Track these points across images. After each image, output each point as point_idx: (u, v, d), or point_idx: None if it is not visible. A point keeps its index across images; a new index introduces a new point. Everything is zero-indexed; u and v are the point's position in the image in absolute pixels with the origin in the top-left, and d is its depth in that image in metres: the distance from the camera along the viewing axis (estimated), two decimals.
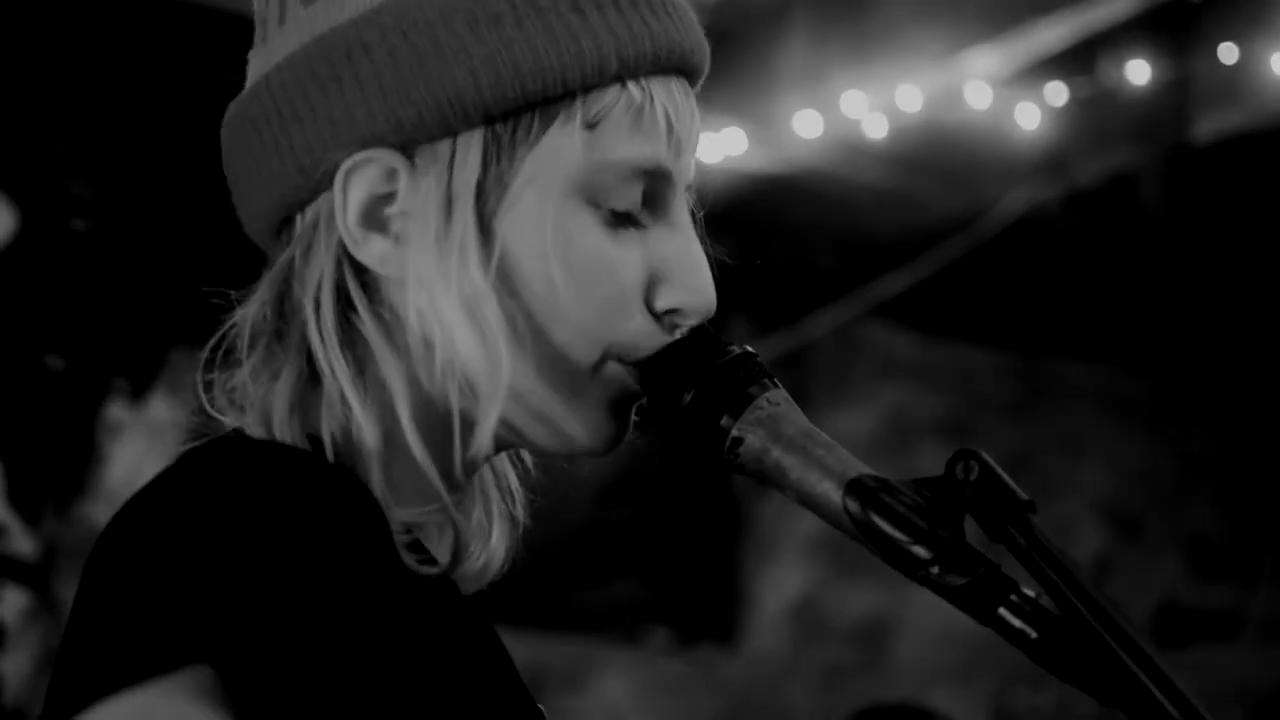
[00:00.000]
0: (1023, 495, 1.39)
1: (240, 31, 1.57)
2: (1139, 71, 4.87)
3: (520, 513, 1.62)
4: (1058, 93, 4.99)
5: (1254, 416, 7.33)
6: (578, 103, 1.44)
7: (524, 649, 6.83)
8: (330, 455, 1.41)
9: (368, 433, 1.40)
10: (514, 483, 1.63)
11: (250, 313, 1.48)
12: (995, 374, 7.16)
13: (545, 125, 1.43)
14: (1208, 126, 5.29)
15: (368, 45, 1.42)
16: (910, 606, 6.66)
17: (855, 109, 5.06)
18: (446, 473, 1.46)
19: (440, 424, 1.44)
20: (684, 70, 1.51)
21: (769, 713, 6.76)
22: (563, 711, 6.57)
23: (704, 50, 1.53)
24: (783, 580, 6.80)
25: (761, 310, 6.67)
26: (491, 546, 1.57)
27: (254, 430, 1.42)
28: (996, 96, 5.00)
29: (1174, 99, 5.27)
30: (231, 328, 1.49)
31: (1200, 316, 6.95)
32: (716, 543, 6.92)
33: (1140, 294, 6.55)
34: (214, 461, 1.37)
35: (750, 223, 6.24)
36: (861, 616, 6.76)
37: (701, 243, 1.55)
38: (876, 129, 5.10)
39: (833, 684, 6.63)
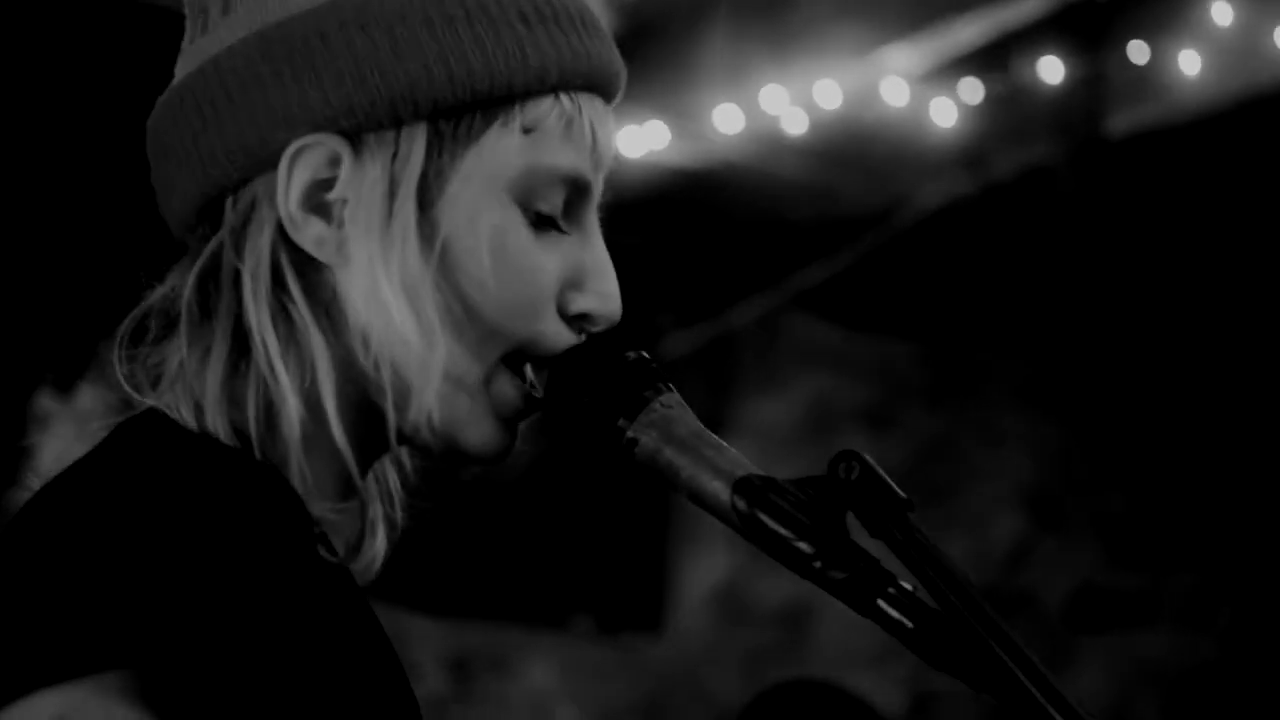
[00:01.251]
0: (901, 494, 1.47)
1: (152, 21, 1.60)
2: (1052, 69, 4.95)
3: (399, 516, 1.66)
4: (973, 90, 5.07)
5: (1169, 403, 7.43)
6: (517, 108, 1.52)
7: (450, 636, 6.88)
8: (256, 446, 1.46)
9: (293, 413, 1.45)
10: (395, 485, 1.67)
11: (176, 292, 1.52)
12: (915, 363, 7.22)
13: (486, 125, 1.51)
14: (1121, 122, 5.38)
15: (325, 34, 1.48)
16: None
17: (775, 104, 5.12)
18: (362, 464, 1.53)
19: (362, 413, 1.51)
20: (606, 92, 1.59)
21: (693, 697, 6.81)
22: (489, 698, 6.62)
23: (623, 77, 1.62)
24: (706, 566, 6.85)
25: (685, 301, 6.73)
26: (376, 546, 1.61)
27: (183, 413, 1.46)
28: (913, 93, 5.08)
29: (1087, 96, 5.35)
30: (150, 308, 1.54)
31: (1112, 306, 7.04)
32: (641, 530, 6.97)
33: (1055, 284, 6.62)
34: (137, 454, 1.42)
35: (673, 216, 6.32)
36: (783, 601, 6.82)
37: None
38: (796, 124, 5.17)
39: (756, 668, 6.68)
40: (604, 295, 1.58)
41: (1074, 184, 5.69)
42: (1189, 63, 4.82)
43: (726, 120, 5.21)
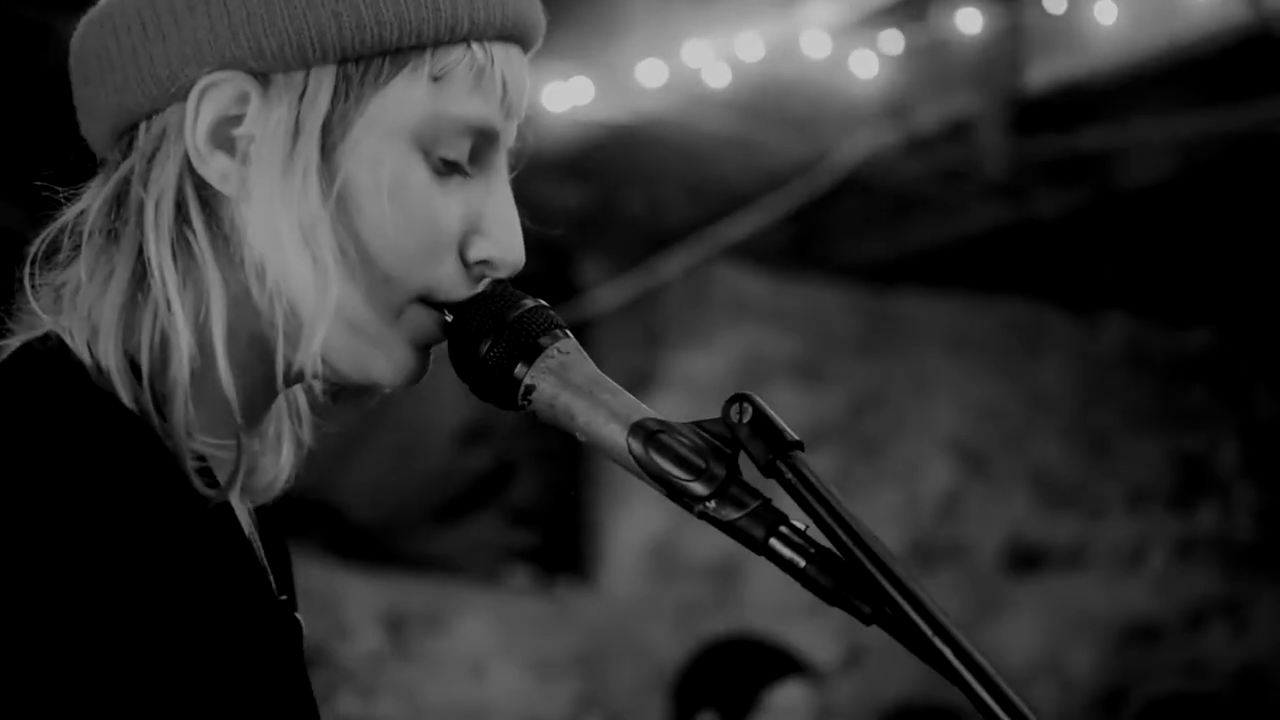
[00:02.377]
0: (791, 435, 1.50)
1: None
2: (970, 20, 4.97)
3: (307, 435, 1.68)
4: (893, 41, 5.09)
5: (1098, 350, 7.49)
6: (427, 55, 1.53)
7: (384, 591, 6.87)
8: (145, 378, 1.47)
9: (184, 347, 1.48)
10: (303, 407, 1.69)
11: (87, 211, 1.55)
12: (845, 313, 7.25)
13: (394, 72, 1.53)
14: (1040, 74, 5.42)
15: None
16: None
17: (698, 58, 5.14)
18: (250, 398, 1.55)
19: (253, 347, 1.54)
20: (523, 41, 1.61)
21: (628, 650, 6.84)
22: (425, 655, 6.64)
23: (542, 25, 1.63)
24: (638, 520, 6.88)
25: (613, 254, 6.74)
26: (280, 463, 1.63)
27: (78, 339, 1.48)
28: (835, 45, 5.10)
29: (1007, 47, 5.39)
30: (63, 225, 1.56)
31: (1044, 251, 7.09)
32: (572, 483, 7.00)
33: (988, 230, 6.66)
34: (13, 395, 1.43)
35: (600, 170, 6.33)
36: (716, 554, 6.85)
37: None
38: (719, 78, 5.18)
39: (689, 621, 6.72)
40: (505, 243, 1.59)
41: (997, 135, 5.72)
42: (1105, 13, 4.85)
43: (650, 74, 5.22)
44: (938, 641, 1.41)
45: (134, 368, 1.48)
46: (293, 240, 1.49)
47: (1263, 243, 6.74)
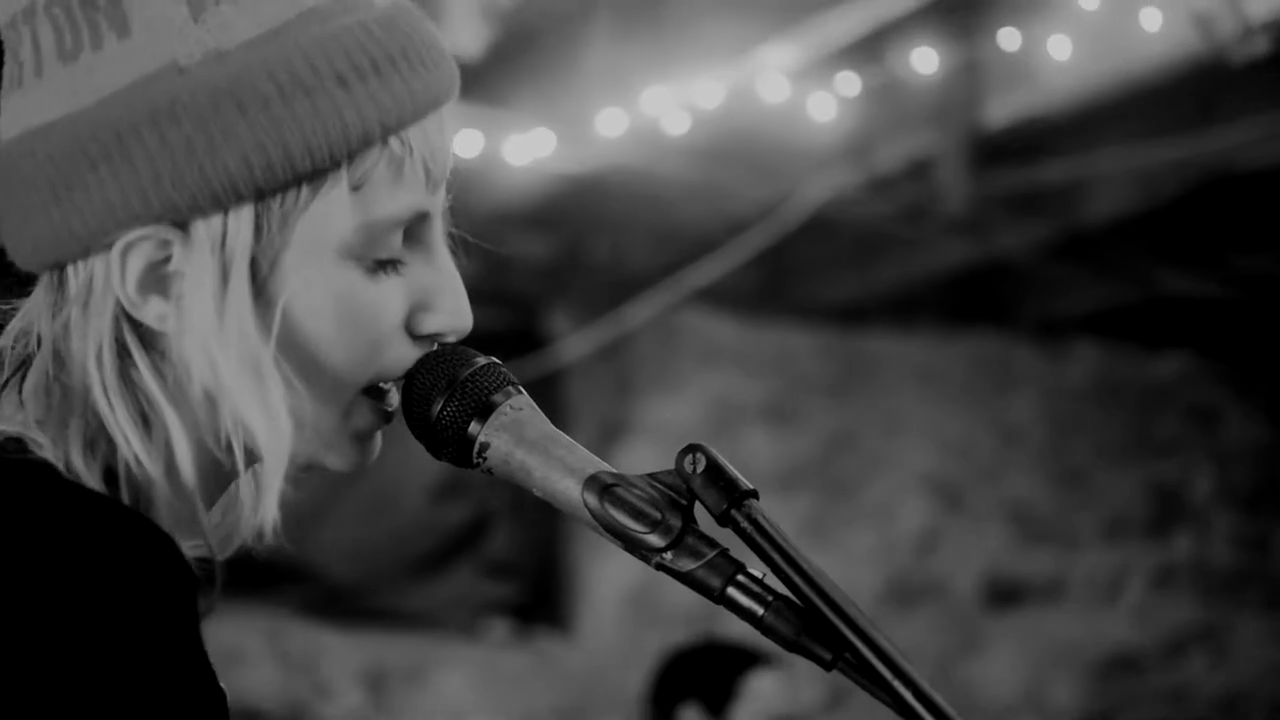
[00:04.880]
0: (745, 484, 1.50)
1: None
2: (926, 60, 5.00)
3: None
4: (850, 83, 5.11)
5: (1068, 382, 7.51)
6: (343, 169, 1.50)
7: (363, 648, 6.86)
8: (125, 495, 1.45)
9: (155, 480, 1.46)
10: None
11: (27, 341, 1.53)
12: (814, 355, 7.26)
13: (313, 194, 1.49)
14: (999, 110, 5.45)
15: (138, 127, 1.47)
16: None
17: (657, 106, 5.15)
18: (212, 497, 1.55)
19: (220, 468, 1.52)
20: (438, 106, 1.57)
21: (609, 700, 6.83)
22: (406, 711, 6.62)
23: (456, 81, 1.59)
24: (616, 569, 6.87)
25: (581, 303, 6.75)
26: (259, 517, 1.56)
27: (50, 456, 1.45)
28: (793, 88, 5.12)
29: (964, 84, 5.42)
30: (3, 347, 1.54)
31: (1010, 285, 7.12)
32: (550, 534, 6.99)
33: (954, 266, 6.68)
34: (25, 505, 1.39)
35: (564, 221, 6.35)
36: (695, 602, 6.77)
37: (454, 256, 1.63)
38: (678, 124, 5.20)
39: None
40: (452, 312, 1.57)
41: (957, 172, 5.75)
42: (1059, 48, 4.88)
43: (610, 124, 5.23)
44: (898, 685, 1.41)
45: (108, 481, 1.46)
46: (238, 382, 1.47)
47: (1229, 267, 6.76)
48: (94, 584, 1.33)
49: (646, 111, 5.20)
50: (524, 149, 5.32)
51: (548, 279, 6.58)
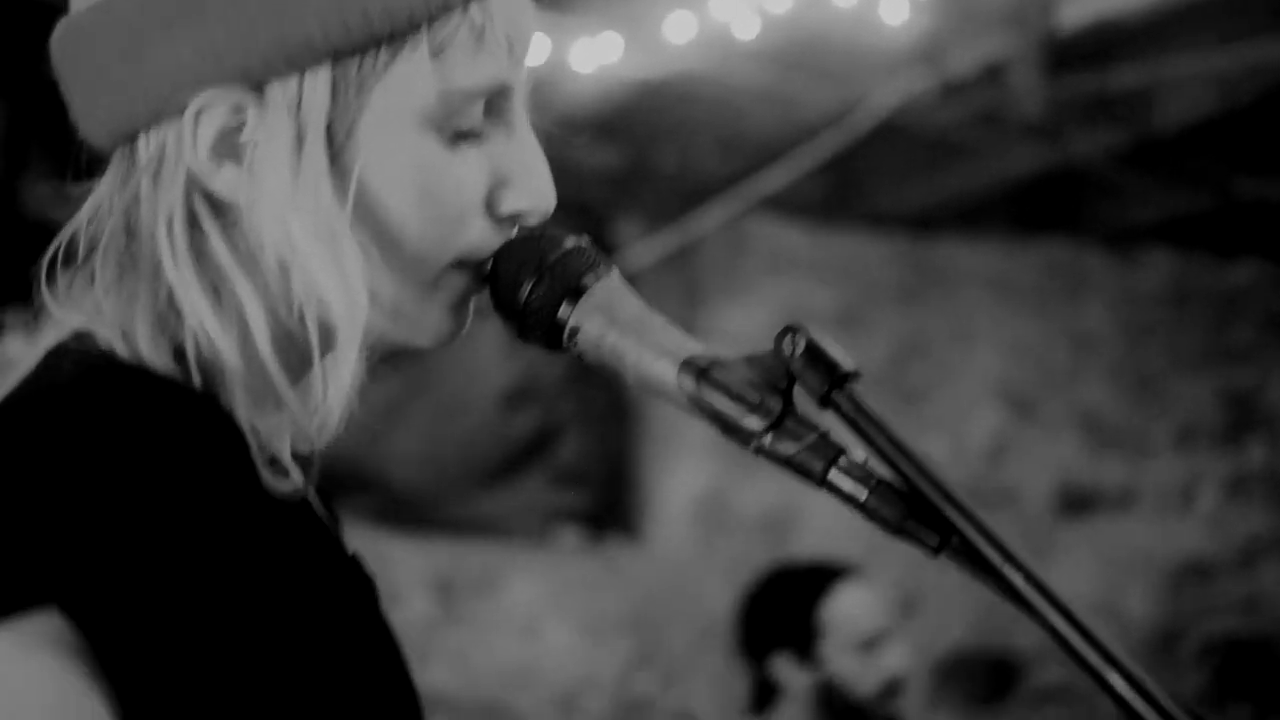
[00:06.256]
0: (846, 365, 1.47)
1: None
2: None
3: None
4: None
5: (1141, 289, 7.45)
6: (423, 33, 1.45)
7: (433, 556, 6.88)
8: (196, 376, 1.43)
9: (228, 357, 1.43)
10: None
11: (101, 214, 1.50)
12: (884, 262, 7.22)
13: (392, 58, 1.45)
14: (1072, 12, 5.36)
15: None
16: (812, 498, 6.73)
17: (726, 10, 5.09)
18: (298, 377, 1.50)
19: (295, 342, 1.48)
20: None
21: (679, 606, 6.83)
22: (476, 618, 6.64)
23: None
24: (687, 476, 6.86)
25: (648, 212, 6.72)
26: (328, 405, 1.52)
27: (115, 343, 1.43)
28: None
29: None
30: (77, 228, 1.50)
31: (1083, 191, 7.05)
32: (620, 441, 6.99)
33: (1026, 172, 6.63)
34: (76, 389, 1.38)
35: (631, 128, 6.30)
36: (766, 508, 6.84)
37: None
38: (748, 29, 5.13)
39: (740, 575, 6.70)
40: (533, 191, 1.53)
41: (1032, 76, 5.67)
42: None
43: (679, 29, 5.17)
44: (1008, 569, 1.38)
45: (178, 360, 1.44)
46: (314, 249, 1.43)
47: None
48: (143, 479, 1.31)
49: (716, 16, 5.14)
50: (591, 55, 5.27)
51: (616, 187, 6.53)
